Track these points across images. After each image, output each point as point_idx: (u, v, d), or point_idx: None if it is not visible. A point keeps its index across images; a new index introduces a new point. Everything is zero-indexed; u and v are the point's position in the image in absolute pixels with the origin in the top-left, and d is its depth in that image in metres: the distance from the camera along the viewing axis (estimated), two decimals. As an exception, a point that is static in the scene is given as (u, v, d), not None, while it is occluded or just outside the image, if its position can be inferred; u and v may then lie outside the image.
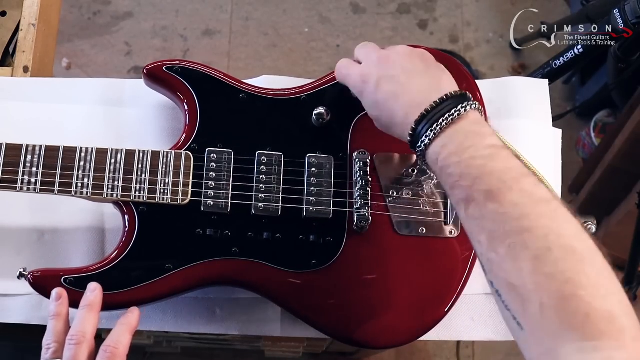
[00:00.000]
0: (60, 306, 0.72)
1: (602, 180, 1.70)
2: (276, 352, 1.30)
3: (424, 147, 0.66)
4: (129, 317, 0.72)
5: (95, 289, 0.73)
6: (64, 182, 0.78)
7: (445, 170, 0.64)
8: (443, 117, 0.65)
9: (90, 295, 0.72)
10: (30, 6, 1.01)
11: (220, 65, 1.93)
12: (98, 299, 0.72)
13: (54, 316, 0.71)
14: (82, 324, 0.69)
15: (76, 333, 0.68)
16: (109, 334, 0.69)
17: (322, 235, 0.81)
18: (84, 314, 0.70)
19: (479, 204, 0.59)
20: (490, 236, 0.58)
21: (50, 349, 0.68)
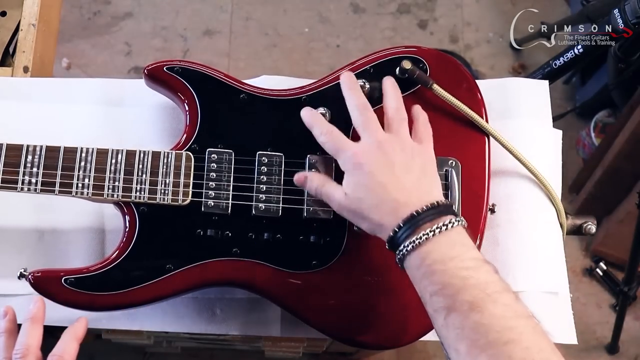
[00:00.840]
0: (8, 322, 0.74)
1: (602, 180, 1.70)
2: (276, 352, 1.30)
3: (409, 249, 0.67)
4: (75, 326, 0.74)
5: (37, 301, 0.74)
6: (65, 182, 0.78)
7: (429, 277, 0.65)
8: (438, 220, 0.67)
9: (33, 309, 0.74)
10: (30, 6, 1.01)
11: (220, 65, 1.93)
12: (41, 312, 0.74)
13: (2, 333, 0.73)
14: (26, 337, 0.71)
15: (21, 347, 0.70)
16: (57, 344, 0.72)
17: (323, 236, 0.81)
18: (28, 327, 0.72)
19: (461, 313, 0.61)
20: (470, 345, 0.60)
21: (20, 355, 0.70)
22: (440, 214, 0.68)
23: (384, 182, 0.71)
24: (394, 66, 0.86)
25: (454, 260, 0.64)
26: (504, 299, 0.62)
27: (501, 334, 0.59)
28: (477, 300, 0.61)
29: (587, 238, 1.84)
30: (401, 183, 0.71)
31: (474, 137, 0.86)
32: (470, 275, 0.63)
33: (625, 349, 1.75)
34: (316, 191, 0.77)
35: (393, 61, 0.86)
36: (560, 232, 0.91)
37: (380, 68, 0.86)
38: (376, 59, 0.86)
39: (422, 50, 0.87)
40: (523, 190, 0.90)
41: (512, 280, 0.86)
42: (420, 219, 0.67)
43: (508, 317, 0.60)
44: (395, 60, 0.86)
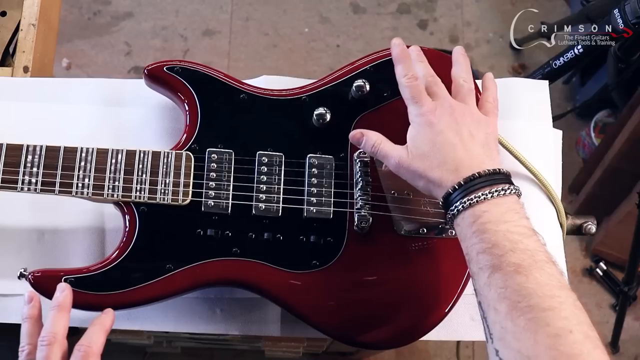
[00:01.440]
0: (32, 308, 0.72)
1: (602, 180, 1.70)
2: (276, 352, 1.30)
3: (465, 206, 0.69)
4: (103, 318, 0.73)
5: (65, 289, 0.73)
6: (65, 182, 0.78)
7: (480, 234, 0.66)
8: (496, 186, 0.69)
9: (60, 296, 0.72)
10: (30, 6, 1.01)
11: (220, 65, 1.93)
12: (68, 299, 0.72)
13: (27, 319, 0.72)
14: (52, 324, 0.70)
15: (47, 334, 0.69)
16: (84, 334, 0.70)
17: (323, 236, 0.81)
18: (55, 314, 0.71)
19: (506, 274, 0.63)
20: (511, 306, 0.61)
21: (24, 351, 0.70)
22: (498, 180, 0.70)
23: (452, 143, 0.72)
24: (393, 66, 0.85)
25: (507, 224, 0.66)
26: (550, 269, 0.63)
27: (542, 300, 0.60)
28: (524, 264, 0.62)
29: (587, 238, 1.84)
30: (467, 147, 0.72)
31: (474, 137, 0.86)
32: (520, 240, 0.65)
33: (625, 349, 1.75)
34: (373, 149, 0.77)
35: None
36: (560, 232, 0.91)
37: (380, 68, 0.86)
38: (376, 59, 0.86)
39: (422, 50, 0.87)
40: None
41: (512, 280, 0.86)
42: (480, 181, 0.69)
43: (552, 286, 0.61)
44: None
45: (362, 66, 0.86)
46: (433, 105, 0.75)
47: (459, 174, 0.71)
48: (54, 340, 0.68)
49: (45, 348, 0.68)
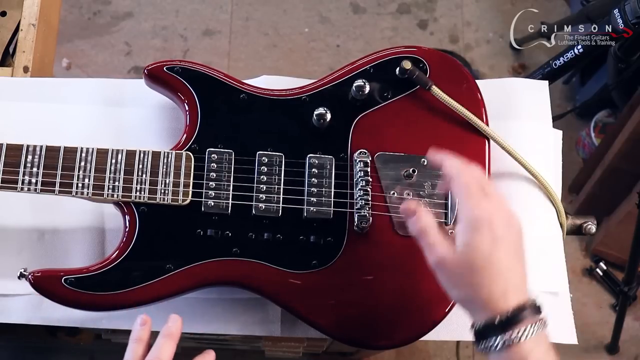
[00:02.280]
0: (143, 331, 0.72)
1: (602, 180, 1.70)
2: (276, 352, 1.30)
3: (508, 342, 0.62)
4: (170, 328, 0.72)
5: (177, 321, 0.72)
6: (65, 182, 0.78)
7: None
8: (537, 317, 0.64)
9: (172, 326, 0.72)
10: (30, 6, 1.01)
11: (220, 65, 1.93)
12: (178, 330, 0.72)
13: (136, 340, 0.71)
14: (159, 350, 0.70)
15: (154, 358, 0.69)
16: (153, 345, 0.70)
17: (323, 236, 0.81)
18: (163, 341, 0.70)
19: None
20: None
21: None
22: (538, 309, 0.65)
23: (507, 261, 0.65)
24: (394, 66, 0.86)
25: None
26: None
27: None
28: None
29: (587, 238, 1.84)
30: (517, 268, 0.66)
31: (473, 137, 0.86)
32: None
33: (625, 349, 1.75)
34: (419, 232, 0.69)
35: (393, 61, 0.86)
36: (560, 232, 0.91)
37: (380, 68, 0.86)
38: (376, 59, 0.86)
39: (422, 51, 0.87)
40: (523, 191, 0.90)
41: (512, 280, 0.86)
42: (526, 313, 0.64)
43: None
44: (395, 60, 0.86)
45: (362, 66, 0.86)
46: (494, 207, 0.67)
47: (507, 300, 0.64)
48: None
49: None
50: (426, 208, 0.71)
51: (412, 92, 0.86)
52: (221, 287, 0.84)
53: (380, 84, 0.85)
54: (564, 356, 0.60)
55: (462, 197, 0.68)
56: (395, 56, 0.86)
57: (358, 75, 0.85)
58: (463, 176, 0.68)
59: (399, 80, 0.86)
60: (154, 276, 0.78)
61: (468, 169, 0.69)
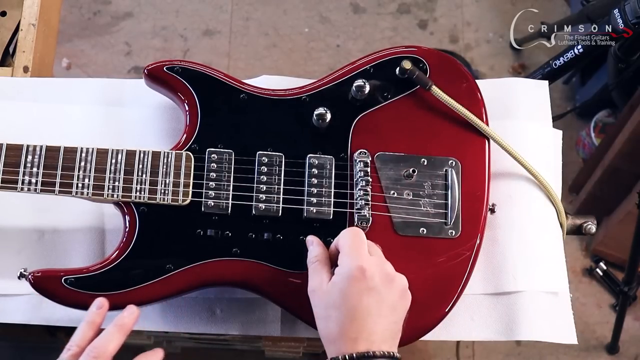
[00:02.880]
0: (97, 315, 0.72)
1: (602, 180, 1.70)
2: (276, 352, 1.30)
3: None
4: (124, 319, 0.71)
5: (133, 313, 0.72)
6: (65, 182, 0.78)
7: None
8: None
9: (127, 317, 0.71)
10: (30, 6, 1.01)
11: (220, 65, 1.93)
12: (132, 323, 0.71)
13: (88, 322, 0.71)
14: (107, 339, 0.69)
15: (99, 346, 0.68)
16: (102, 333, 0.69)
17: (323, 236, 0.81)
18: (113, 331, 0.70)
19: None
20: None
21: (69, 351, 0.69)
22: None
23: (369, 309, 0.68)
24: (394, 66, 0.86)
25: None
26: None
27: None
28: None
29: (587, 238, 1.83)
30: (380, 320, 0.69)
31: (474, 137, 0.86)
32: None
33: (625, 349, 1.75)
34: (309, 261, 0.75)
35: (393, 61, 0.86)
36: (560, 232, 0.91)
37: (380, 68, 0.86)
38: (376, 59, 0.87)
39: (422, 50, 0.87)
40: (523, 191, 0.90)
41: (512, 280, 0.86)
42: None
43: None
44: (395, 60, 0.86)
45: (362, 66, 0.86)
46: (375, 262, 0.71)
47: (356, 344, 0.67)
48: (102, 356, 0.68)
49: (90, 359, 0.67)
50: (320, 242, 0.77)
51: (412, 92, 0.86)
52: (221, 287, 0.84)
53: (380, 84, 0.85)
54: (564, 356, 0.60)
55: (347, 249, 0.71)
56: (395, 56, 0.86)
57: (358, 75, 0.85)
58: (349, 236, 0.72)
59: (399, 80, 0.86)
60: (154, 276, 0.78)
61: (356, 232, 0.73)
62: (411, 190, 0.83)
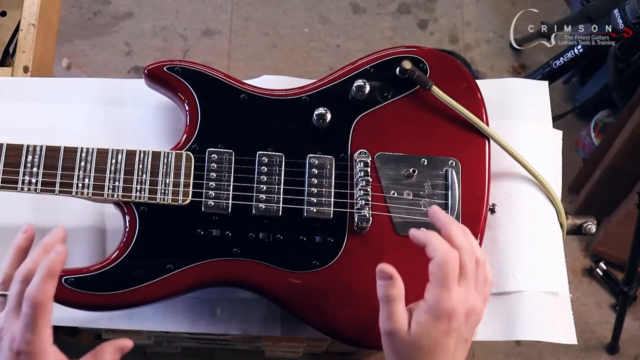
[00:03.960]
0: (23, 240, 0.71)
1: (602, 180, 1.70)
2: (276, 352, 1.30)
3: None
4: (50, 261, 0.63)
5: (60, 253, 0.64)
6: (65, 182, 0.78)
7: None
8: None
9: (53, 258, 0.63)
10: (30, 6, 1.01)
11: (220, 65, 1.93)
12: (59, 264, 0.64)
13: (14, 248, 0.71)
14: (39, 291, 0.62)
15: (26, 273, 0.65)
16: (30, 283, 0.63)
17: (323, 236, 0.81)
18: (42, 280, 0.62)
19: None
20: None
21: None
22: None
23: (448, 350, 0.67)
24: (394, 66, 0.86)
25: None
26: None
27: None
28: None
29: (587, 238, 1.84)
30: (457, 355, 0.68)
31: (474, 137, 0.86)
32: None
33: (625, 349, 1.75)
34: (386, 298, 0.69)
35: (393, 61, 0.86)
36: (560, 232, 0.91)
37: (380, 68, 0.86)
38: (376, 59, 0.87)
39: (422, 50, 0.87)
40: (523, 191, 0.90)
41: (512, 280, 0.86)
42: None
43: None
44: (395, 60, 0.86)
45: (362, 66, 0.86)
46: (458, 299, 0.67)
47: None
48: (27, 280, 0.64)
49: (19, 285, 0.64)
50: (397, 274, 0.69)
51: (412, 92, 0.86)
52: (221, 287, 0.84)
53: (380, 84, 0.85)
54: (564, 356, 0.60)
55: (435, 282, 0.67)
56: (395, 56, 0.86)
57: (358, 75, 0.85)
58: (443, 262, 0.67)
59: (399, 80, 0.86)
60: (154, 276, 0.78)
61: (451, 253, 0.68)
62: (411, 190, 0.83)
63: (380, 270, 0.69)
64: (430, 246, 0.68)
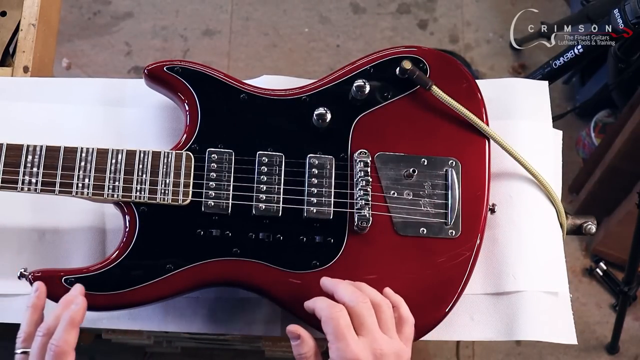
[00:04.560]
0: (37, 299, 0.72)
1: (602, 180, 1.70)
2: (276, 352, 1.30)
3: None
4: (71, 312, 0.69)
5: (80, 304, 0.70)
6: (65, 182, 0.78)
7: None
8: None
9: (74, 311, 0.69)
10: (30, 6, 1.01)
11: (220, 65, 1.93)
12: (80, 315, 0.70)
13: (29, 307, 0.72)
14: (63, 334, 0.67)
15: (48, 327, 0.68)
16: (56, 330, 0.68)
17: (323, 236, 0.81)
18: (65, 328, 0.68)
19: None
20: None
21: (19, 338, 0.70)
22: None
23: None
24: (394, 66, 0.86)
25: None
26: None
27: None
28: None
29: (587, 238, 1.83)
30: None
31: (474, 137, 0.86)
32: None
33: (625, 349, 1.75)
34: (298, 356, 0.72)
35: (393, 61, 0.86)
36: (560, 232, 0.91)
37: (380, 68, 0.86)
38: (376, 59, 0.87)
39: (422, 50, 0.87)
40: (523, 191, 0.90)
41: (512, 280, 0.86)
42: None
43: None
44: (395, 60, 0.86)
45: (362, 66, 0.86)
46: (360, 346, 0.68)
47: None
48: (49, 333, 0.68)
49: (40, 339, 0.68)
50: (309, 335, 0.72)
51: (412, 92, 0.86)
52: (221, 287, 0.84)
53: (380, 84, 0.85)
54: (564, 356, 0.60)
55: (330, 338, 0.69)
56: (395, 56, 0.86)
57: (358, 75, 0.85)
58: (328, 318, 0.69)
59: (399, 80, 0.86)
60: (154, 276, 0.78)
61: (334, 308, 0.70)
62: (411, 190, 0.83)
63: (289, 331, 0.73)
64: (316, 309, 0.71)
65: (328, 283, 0.75)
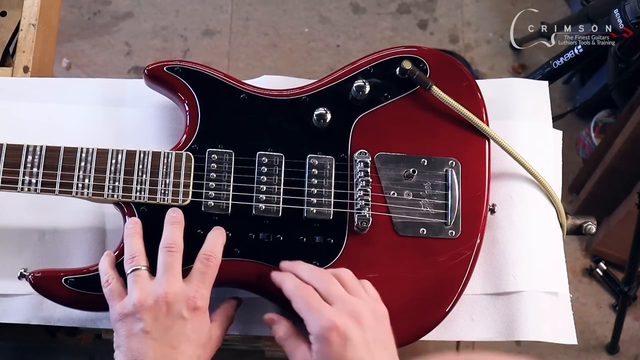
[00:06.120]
0: (137, 226, 0.77)
1: (602, 180, 1.70)
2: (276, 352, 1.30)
3: None
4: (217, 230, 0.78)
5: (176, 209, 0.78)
6: (65, 182, 0.78)
7: None
8: None
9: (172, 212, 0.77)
10: (30, 6, 1.01)
11: (220, 65, 1.93)
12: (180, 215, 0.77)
13: (132, 235, 0.75)
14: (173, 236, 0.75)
15: (173, 243, 0.74)
16: (203, 244, 0.76)
17: (323, 236, 0.81)
18: (172, 228, 0.76)
19: None
20: None
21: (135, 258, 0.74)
22: None
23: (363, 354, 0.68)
24: (394, 66, 0.86)
25: None
26: None
27: None
28: None
29: (587, 238, 1.84)
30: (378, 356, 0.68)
31: (474, 137, 0.86)
32: None
33: (625, 349, 1.75)
34: (279, 340, 0.74)
35: (393, 61, 0.86)
36: (560, 232, 0.91)
37: (380, 68, 0.86)
38: (376, 59, 0.86)
39: (422, 50, 0.87)
40: (523, 191, 0.90)
41: (512, 280, 0.86)
42: None
43: None
44: (395, 60, 0.86)
45: (362, 66, 0.86)
46: (334, 313, 0.69)
47: None
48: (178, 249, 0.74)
49: (172, 254, 0.73)
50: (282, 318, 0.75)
51: (412, 92, 0.86)
52: (221, 287, 0.84)
53: (380, 84, 0.85)
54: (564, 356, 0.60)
55: (302, 311, 0.71)
56: (395, 56, 0.86)
57: (358, 75, 0.85)
58: (296, 292, 0.72)
59: (399, 80, 0.86)
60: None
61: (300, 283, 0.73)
62: (411, 191, 0.83)
63: (264, 320, 0.76)
64: (285, 290, 0.74)
65: (286, 266, 0.78)
